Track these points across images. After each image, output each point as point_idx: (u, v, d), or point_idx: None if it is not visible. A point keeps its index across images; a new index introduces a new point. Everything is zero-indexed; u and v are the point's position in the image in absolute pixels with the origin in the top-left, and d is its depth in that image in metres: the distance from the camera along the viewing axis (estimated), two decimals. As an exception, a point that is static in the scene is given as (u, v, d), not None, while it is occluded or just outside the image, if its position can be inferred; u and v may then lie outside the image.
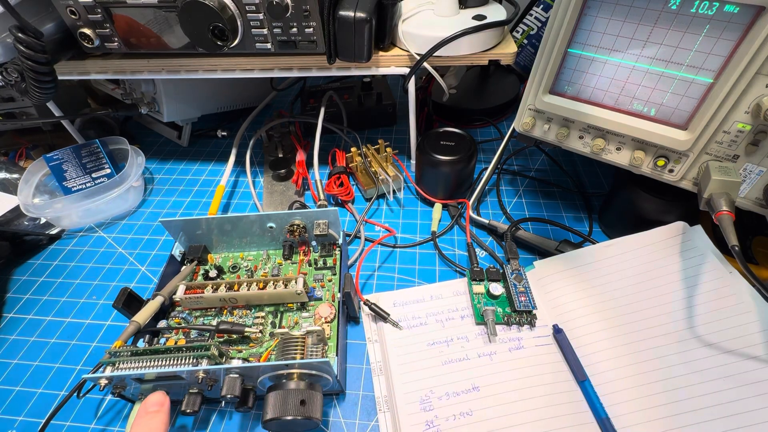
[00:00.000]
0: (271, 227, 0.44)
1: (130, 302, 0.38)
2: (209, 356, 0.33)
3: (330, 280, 0.43)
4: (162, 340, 0.38)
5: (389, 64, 0.48)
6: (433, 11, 0.49)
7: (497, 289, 0.41)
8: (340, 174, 0.56)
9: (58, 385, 0.39)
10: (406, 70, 0.48)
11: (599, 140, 0.39)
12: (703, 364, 0.33)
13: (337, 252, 0.45)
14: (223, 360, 0.35)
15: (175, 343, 0.38)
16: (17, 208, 0.54)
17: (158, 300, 0.39)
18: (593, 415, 0.34)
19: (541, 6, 0.66)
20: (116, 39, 0.45)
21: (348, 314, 0.42)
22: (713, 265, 0.36)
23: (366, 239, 0.50)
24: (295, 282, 0.40)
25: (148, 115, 0.63)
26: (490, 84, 0.72)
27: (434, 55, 0.46)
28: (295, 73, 0.48)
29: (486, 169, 0.53)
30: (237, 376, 0.32)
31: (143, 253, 0.51)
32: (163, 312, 0.41)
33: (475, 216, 0.50)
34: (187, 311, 0.41)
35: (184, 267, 0.44)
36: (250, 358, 0.37)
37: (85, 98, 0.70)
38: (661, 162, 0.37)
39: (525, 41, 0.68)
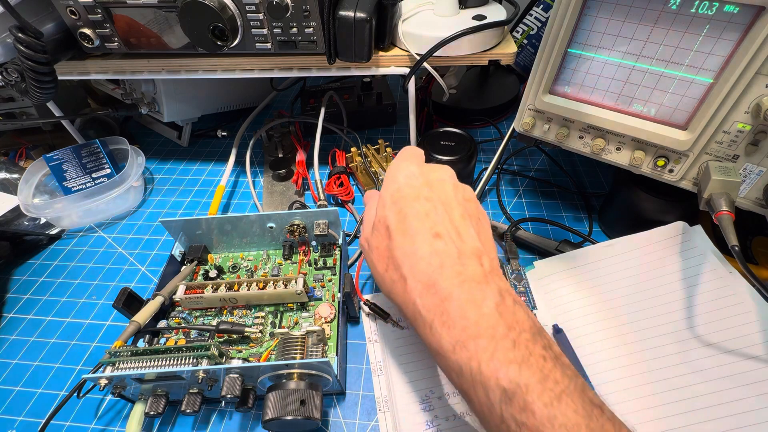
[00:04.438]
0: (271, 227, 0.44)
1: (130, 302, 0.38)
2: (209, 356, 0.33)
3: (330, 280, 0.43)
4: (162, 340, 0.38)
5: (389, 64, 0.48)
6: (433, 11, 0.49)
7: (497, 289, 0.41)
8: (340, 174, 0.56)
9: (58, 385, 0.39)
10: (406, 70, 0.48)
11: (599, 140, 0.39)
12: (703, 364, 0.33)
13: (337, 252, 0.45)
14: (223, 360, 0.35)
15: (175, 343, 0.38)
16: (17, 208, 0.54)
17: (158, 300, 0.39)
18: (593, 415, 0.34)
19: (541, 6, 0.66)
20: (116, 39, 0.45)
21: (348, 314, 0.42)
22: (713, 265, 0.36)
23: (366, 239, 0.50)
24: (295, 282, 0.40)
25: (148, 115, 0.63)
26: (490, 84, 0.72)
27: (434, 55, 0.46)
28: (295, 73, 0.48)
29: (486, 169, 0.53)
30: (237, 376, 0.32)
31: (143, 253, 0.51)
32: (163, 312, 0.41)
33: (475, 216, 0.50)
34: (187, 311, 0.41)
35: (184, 267, 0.44)
36: (250, 358, 0.37)
37: (85, 98, 0.70)
38: (661, 162, 0.37)
39: (525, 41, 0.68)
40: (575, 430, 0.20)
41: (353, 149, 0.56)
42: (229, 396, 0.31)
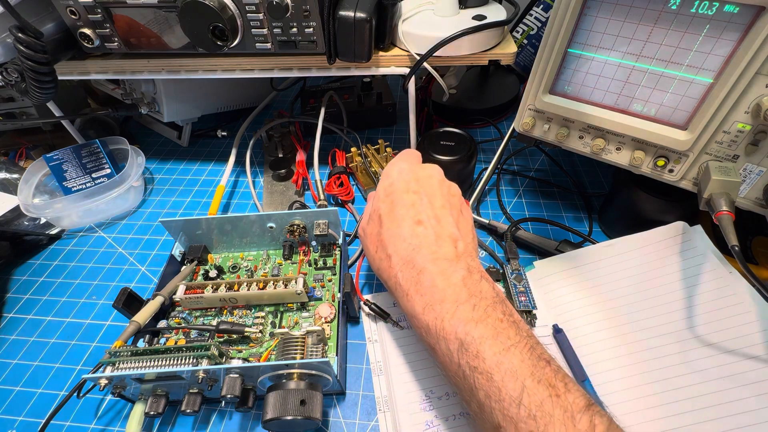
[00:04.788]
0: (271, 227, 0.44)
1: (130, 302, 0.38)
2: (209, 356, 0.33)
3: (330, 280, 0.43)
4: (162, 340, 0.38)
5: (389, 64, 0.48)
6: (433, 11, 0.49)
7: (497, 289, 0.41)
8: (340, 174, 0.56)
9: (58, 385, 0.39)
10: (406, 70, 0.48)
11: (599, 140, 0.39)
12: (703, 364, 0.33)
13: (337, 252, 0.45)
14: (223, 360, 0.35)
15: (175, 343, 0.38)
16: (17, 208, 0.54)
17: (158, 300, 0.39)
18: (593, 415, 0.33)
19: (541, 6, 0.66)
20: (116, 39, 0.45)
21: (348, 314, 0.42)
22: (713, 265, 0.36)
23: (366, 239, 0.50)
24: (295, 282, 0.40)
25: (148, 115, 0.63)
26: (490, 84, 0.72)
27: (434, 55, 0.46)
28: (295, 73, 0.48)
29: (486, 169, 0.53)
30: (237, 376, 0.32)
31: (143, 253, 0.51)
32: (163, 312, 0.41)
33: (475, 216, 0.50)
34: (187, 311, 0.41)
35: (184, 267, 0.44)
36: (250, 358, 0.37)
37: (85, 98, 0.70)
38: (661, 162, 0.37)
39: (525, 41, 0.68)
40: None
41: (353, 149, 0.56)
42: (229, 396, 0.31)
